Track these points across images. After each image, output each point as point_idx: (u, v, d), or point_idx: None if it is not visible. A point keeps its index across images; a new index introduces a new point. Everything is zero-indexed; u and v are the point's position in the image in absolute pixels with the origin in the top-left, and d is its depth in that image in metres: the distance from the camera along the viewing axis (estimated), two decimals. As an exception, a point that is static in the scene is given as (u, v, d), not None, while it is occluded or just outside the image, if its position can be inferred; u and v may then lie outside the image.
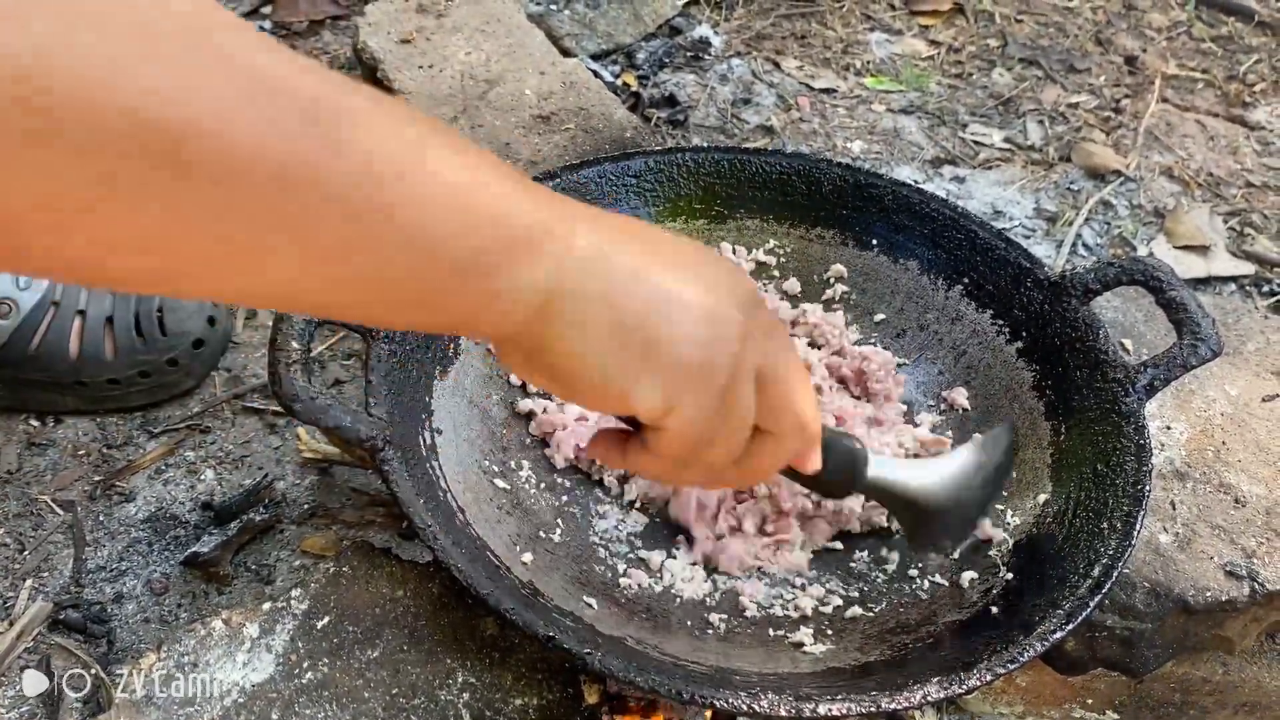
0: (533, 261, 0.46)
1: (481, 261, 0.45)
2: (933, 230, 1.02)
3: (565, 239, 0.48)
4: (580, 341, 0.49)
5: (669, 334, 0.50)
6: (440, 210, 0.43)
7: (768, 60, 1.69)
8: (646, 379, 0.51)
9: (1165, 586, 0.87)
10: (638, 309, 0.50)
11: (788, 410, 0.57)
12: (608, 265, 0.49)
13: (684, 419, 0.52)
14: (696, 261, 0.54)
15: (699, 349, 0.51)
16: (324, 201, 0.39)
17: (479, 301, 0.46)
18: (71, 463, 1.08)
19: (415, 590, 0.79)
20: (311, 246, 0.40)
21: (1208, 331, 0.87)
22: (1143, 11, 1.92)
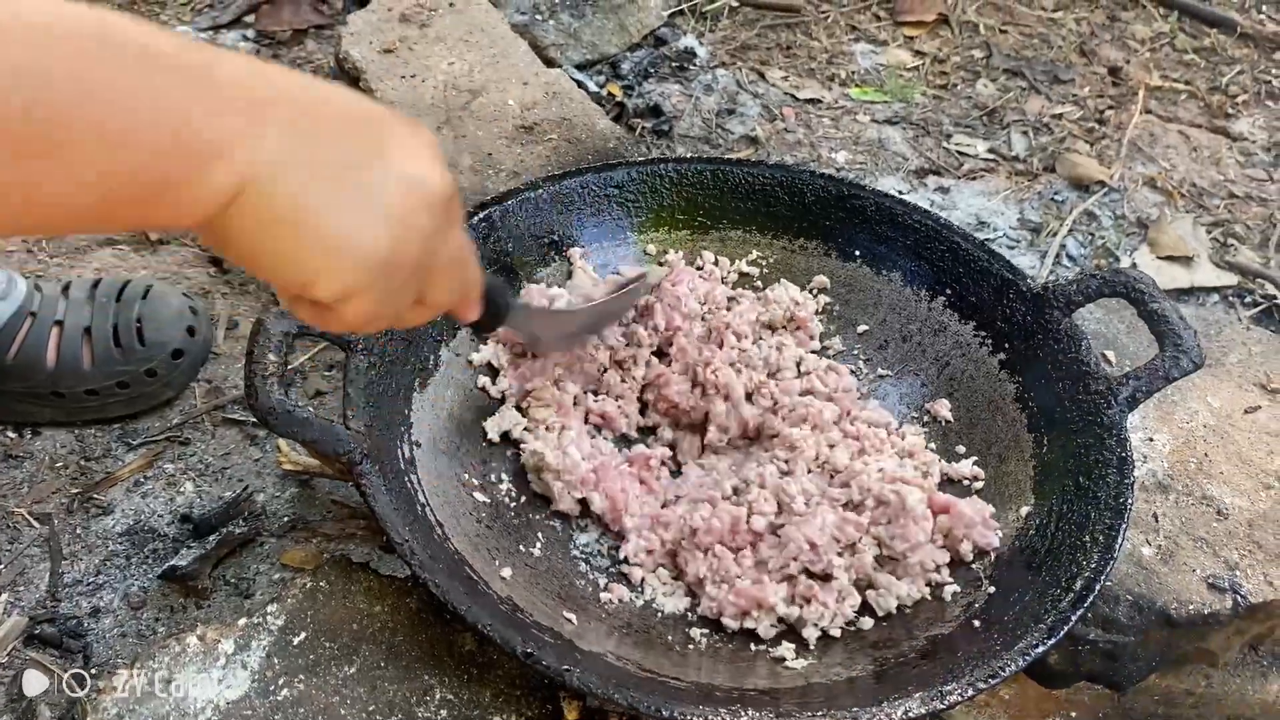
0: (216, 169, 0.49)
1: (171, 174, 0.48)
2: (916, 241, 1.02)
3: (253, 143, 0.50)
4: (262, 237, 0.52)
5: (355, 231, 0.53)
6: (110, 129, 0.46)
7: (753, 71, 1.69)
8: (325, 275, 0.53)
9: (1148, 599, 0.87)
10: (322, 208, 0.52)
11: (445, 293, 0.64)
12: (296, 164, 0.51)
13: (358, 308, 0.56)
14: (391, 150, 0.55)
15: (381, 250, 0.54)
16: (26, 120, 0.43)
17: (169, 206, 0.49)
18: (48, 475, 1.07)
19: (393, 605, 0.78)
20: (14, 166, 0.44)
21: (1190, 343, 0.87)
22: (1126, 23, 1.92)
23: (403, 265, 0.56)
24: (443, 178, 0.58)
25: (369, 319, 0.58)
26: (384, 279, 0.55)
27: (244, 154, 0.50)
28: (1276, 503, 0.94)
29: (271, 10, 1.71)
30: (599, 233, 1.03)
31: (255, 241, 0.52)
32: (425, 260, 0.58)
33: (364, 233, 0.53)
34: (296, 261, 0.53)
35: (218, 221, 0.51)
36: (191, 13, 1.72)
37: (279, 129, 0.51)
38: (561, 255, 1.02)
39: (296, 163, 0.51)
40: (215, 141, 0.49)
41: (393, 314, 0.60)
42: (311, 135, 0.52)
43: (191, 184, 0.49)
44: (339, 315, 0.57)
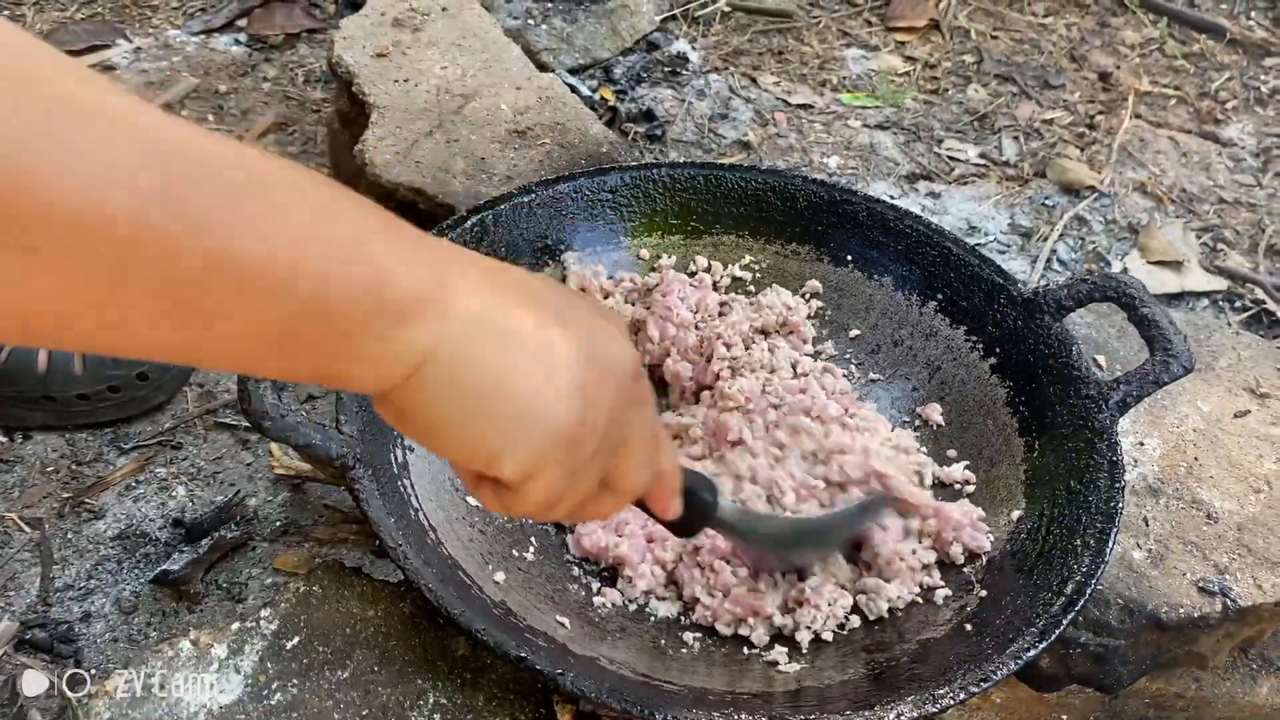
0: (409, 327, 0.45)
1: (358, 328, 0.44)
2: (907, 246, 1.03)
3: (445, 303, 0.47)
4: (450, 407, 0.48)
5: (540, 407, 0.50)
6: (316, 276, 0.42)
7: (745, 76, 1.70)
8: (512, 448, 0.50)
9: (1139, 603, 0.87)
10: (511, 378, 0.49)
11: (634, 476, 0.59)
12: (485, 329, 0.48)
13: (541, 485, 0.52)
14: (581, 326, 0.53)
15: (570, 425, 0.51)
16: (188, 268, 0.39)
17: (352, 364, 0.45)
18: (40, 479, 1.06)
19: (386, 610, 0.78)
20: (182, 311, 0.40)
21: (1180, 348, 0.87)
22: (1116, 29, 1.93)
23: (588, 440, 0.52)
24: (630, 352, 0.56)
25: (552, 499, 0.54)
26: (569, 454, 0.52)
27: (438, 313, 0.46)
28: (1266, 506, 0.94)
29: (264, 14, 1.71)
30: (592, 237, 1.03)
31: (440, 412, 0.49)
32: (613, 436, 0.55)
33: (554, 402, 0.50)
34: (484, 433, 0.50)
35: (401, 388, 0.47)
36: (184, 16, 1.72)
37: (470, 287, 0.48)
38: (555, 260, 1.02)
39: (488, 330, 0.48)
40: (412, 296, 0.45)
41: (578, 497, 0.56)
42: (502, 303, 0.49)
43: (380, 339, 0.45)
44: (523, 495, 0.53)
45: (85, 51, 1.61)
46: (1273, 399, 1.04)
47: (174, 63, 1.62)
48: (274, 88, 1.61)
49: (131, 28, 1.68)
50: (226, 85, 1.60)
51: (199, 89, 1.58)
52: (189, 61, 1.63)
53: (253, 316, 0.41)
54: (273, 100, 1.59)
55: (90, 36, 1.64)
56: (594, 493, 0.57)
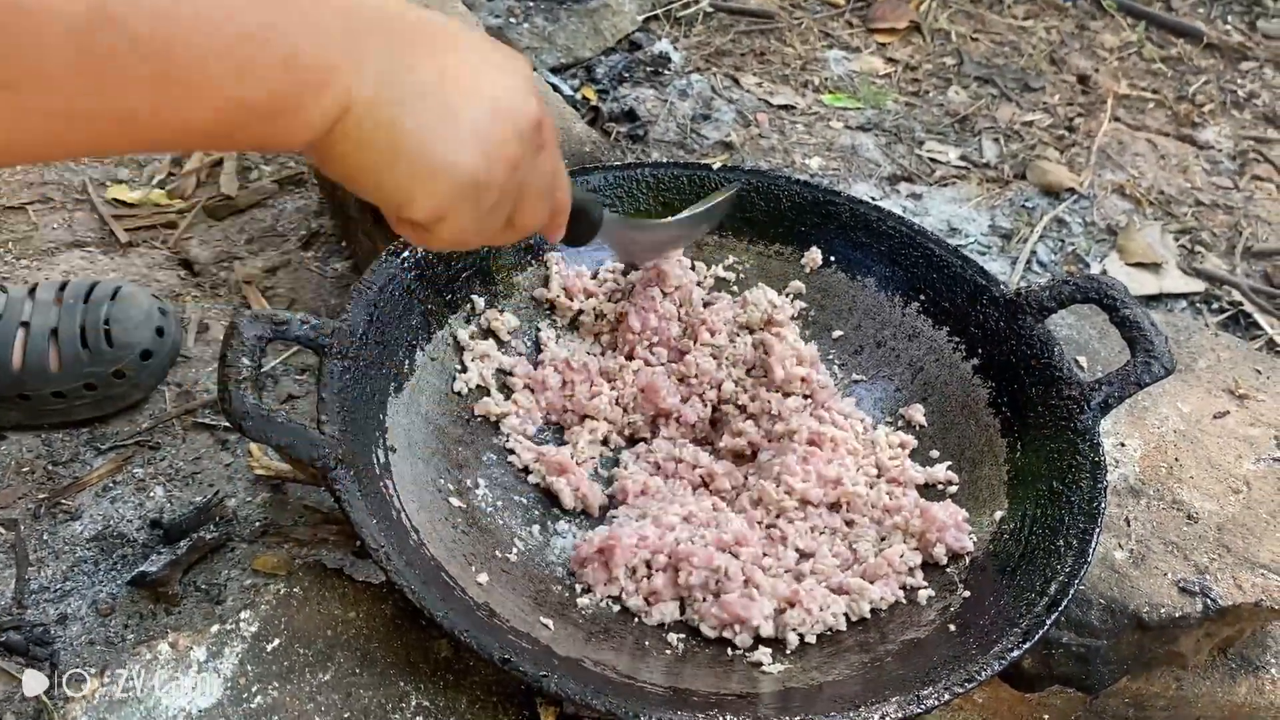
0: (321, 95, 0.52)
1: (274, 105, 0.51)
2: (890, 247, 1.03)
3: (354, 70, 0.53)
4: (364, 159, 0.56)
5: (444, 157, 0.57)
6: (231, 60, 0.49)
7: (727, 76, 1.70)
8: (420, 196, 0.58)
9: (1120, 603, 0.87)
10: (417, 132, 0.56)
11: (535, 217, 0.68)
12: (392, 90, 0.55)
13: (451, 227, 0.60)
14: (487, 78, 0.59)
15: (470, 176, 0.58)
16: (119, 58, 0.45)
17: (272, 133, 0.53)
18: (15, 480, 1.05)
19: (368, 612, 0.78)
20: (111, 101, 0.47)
21: (1161, 349, 0.87)
22: (1095, 32, 1.95)
23: (492, 187, 0.60)
24: (533, 104, 0.61)
25: (462, 237, 0.62)
26: (475, 200, 0.59)
27: (344, 81, 0.53)
28: (1245, 507, 0.95)
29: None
30: (575, 237, 1.03)
31: (355, 163, 0.56)
32: (515, 183, 0.62)
33: (456, 156, 0.57)
34: (394, 183, 0.57)
35: (321, 143, 0.54)
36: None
37: (377, 57, 0.54)
38: (539, 259, 1.01)
39: (393, 88, 0.55)
40: (320, 70, 0.52)
41: (485, 234, 0.64)
42: (409, 61, 0.56)
43: (299, 110, 0.52)
44: (435, 234, 0.61)
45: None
46: (1251, 400, 1.05)
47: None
48: (253, 85, 1.60)
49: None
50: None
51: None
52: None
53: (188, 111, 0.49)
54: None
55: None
56: (501, 230, 0.66)
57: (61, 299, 1.08)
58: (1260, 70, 1.92)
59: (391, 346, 0.88)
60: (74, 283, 1.10)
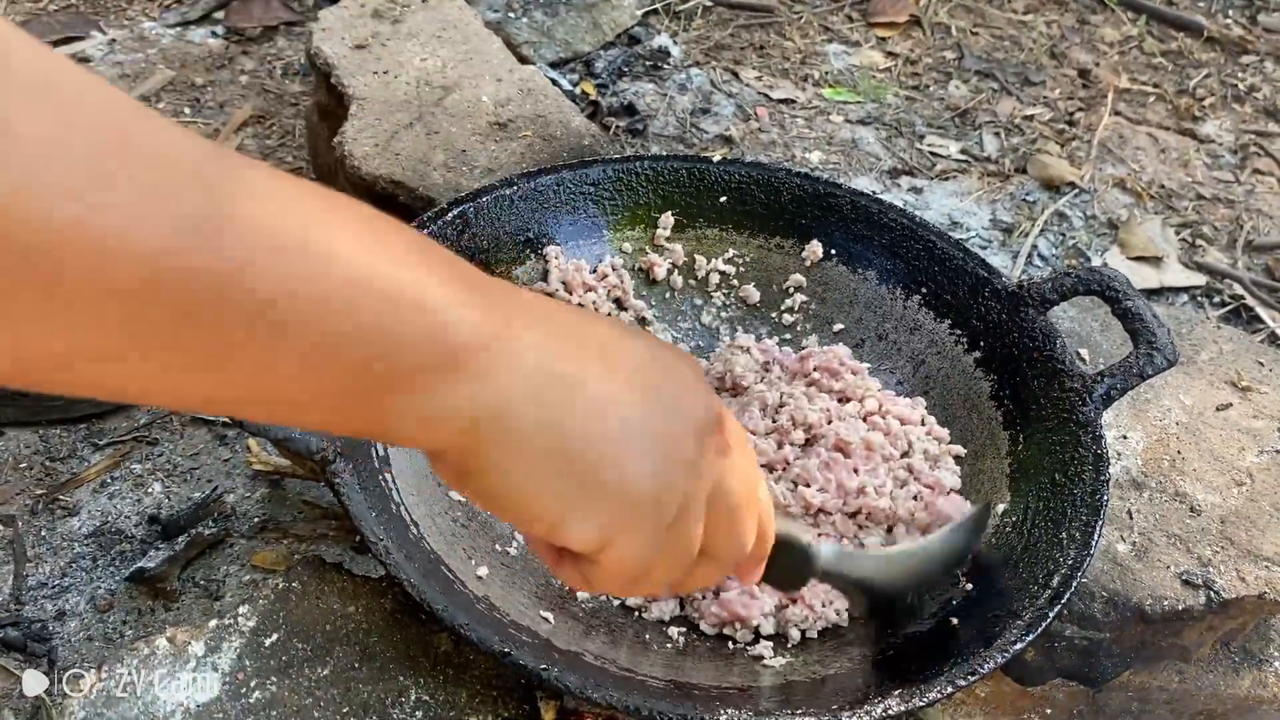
0: (466, 380, 0.41)
1: (410, 380, 0.40)
2: (891, 240, 1.02)
3: (504, 355, 0.42)
4: (512, 468, 0.44)
5: (612, 465, 0.45)
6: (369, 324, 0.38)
7: (726, 70, 1.69)
8: (581, 513, 0.45)
9: (1123, 596, 0.87)
10: (578, 436, 0.44)
11: (733, 541, 0.53)
12: (548, 384, 0.43)
13: (621, 555, 0.47)
14: (653, 376, 0.48)
15: (644, 484, 0.46)
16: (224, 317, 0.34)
17: (403, 419, 0.41)
18: (12, 476, 1.05)
19: (367, 606, 0.77)
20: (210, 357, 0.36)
21: (1164, 341, 0.87)
22: (1095, 26, 1.94)
23: (667, 504, 0.47)
24: (713, 400, 0.51)
25: (636, 571, 0.48)
26: (646, 520, 0.47)
27: (495, 366, 0.42)
28: (1248, 499, 0.94)
29: (241, 6, 1.70)
30: (574, 230, 1.03)
31: (499, 477, 0.44)
32: (697, 491, 0.49)
33: (623, 467, 0.45)
34: (546, 501, 0.45)
35: (454, 448, 0.43)
36: (159, 8, 1.70)
37: (532, 335, 0.43)
38: (537, 253, 1.01)
39: (553, 384, 0.43)
40: (468, 346, 0.41)
41: (670, 567, 0.50)
42: (563, 351, 0.45)
43: (432, 394, 0.41)
44: (602, 569, 0.48)
45: (59, 43, 1.59)
46: (1254, 392, 1.05)
47: (149, 55, 1.60)
48: (251, 81, 1.59)
49: (106, 19, 1.66)
50: (203, 78, 1.58)
51: (175, 81, 1.56)
52: (165, 54, 1.61)
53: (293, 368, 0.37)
54: (250, 93, 1.58)
55: (64, 28, 1.61)
56: (691, 561, 0.51)
57: (59, 294, 1.08)
58: (1261, 64, 1.91)
59: (390, 340, 0.88)
60: (71, 278, 1.10)
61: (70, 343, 0.32)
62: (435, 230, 0.93)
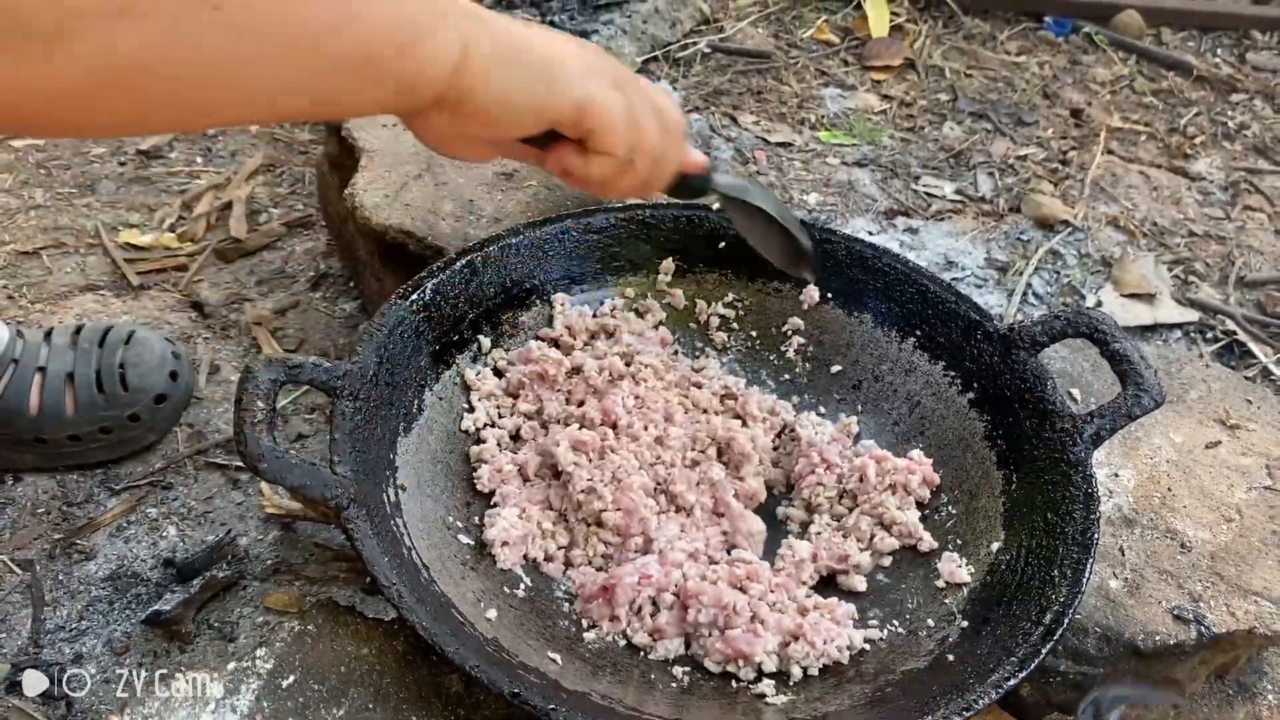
0: (448, 26, 0.64)
1: (414, 33, 0.62)
2: (886, 284, 1.05)
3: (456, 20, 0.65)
4: (498, 77, 0.66)
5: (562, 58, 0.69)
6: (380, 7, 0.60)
7: (725, 115, 1.73)
8: (557, 89, 0.68)
9: (1116, 631, 0.89)
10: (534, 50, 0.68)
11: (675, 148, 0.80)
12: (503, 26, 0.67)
13: (603, 107, 0.70)
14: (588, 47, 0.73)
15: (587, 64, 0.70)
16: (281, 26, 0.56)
17: (417, 67, 0.63)
18: (30, 521, 1.07)
19: (380, 648, 0.79)
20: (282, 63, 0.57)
21: (1150, 382, 0.89)
22: (1087, 66, 1.98)
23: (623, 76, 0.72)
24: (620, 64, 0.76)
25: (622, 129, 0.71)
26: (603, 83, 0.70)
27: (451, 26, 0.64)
28: (1238, 535, 0.96)
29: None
30: (579, 277, 1.06)
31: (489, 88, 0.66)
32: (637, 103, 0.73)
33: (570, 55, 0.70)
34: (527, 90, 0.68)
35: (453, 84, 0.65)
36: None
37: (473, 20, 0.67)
38: (544, 300, 1.04)
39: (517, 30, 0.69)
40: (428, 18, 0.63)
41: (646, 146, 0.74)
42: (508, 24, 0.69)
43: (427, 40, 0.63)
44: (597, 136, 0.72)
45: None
46: (1242, 430, 1.07)
47: (162, 105, 1.64)
48: (261, 130, 1.63)
49: (120, 71, 1.70)
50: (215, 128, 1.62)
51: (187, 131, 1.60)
52: (177, 104, 1.65)
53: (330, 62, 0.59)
54: (260, 142, 1.62)
55: (79, 80, 1.65)
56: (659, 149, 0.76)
57: (77, 343, 1.11)
58: (1250, 102, 1.95)
59: (401, 387, 0.90)
60: (89, 327, 1.13)
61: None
62: (445, 278, 0.96)
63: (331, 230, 1.41)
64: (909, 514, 0.94)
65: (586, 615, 0.86)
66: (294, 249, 1.44)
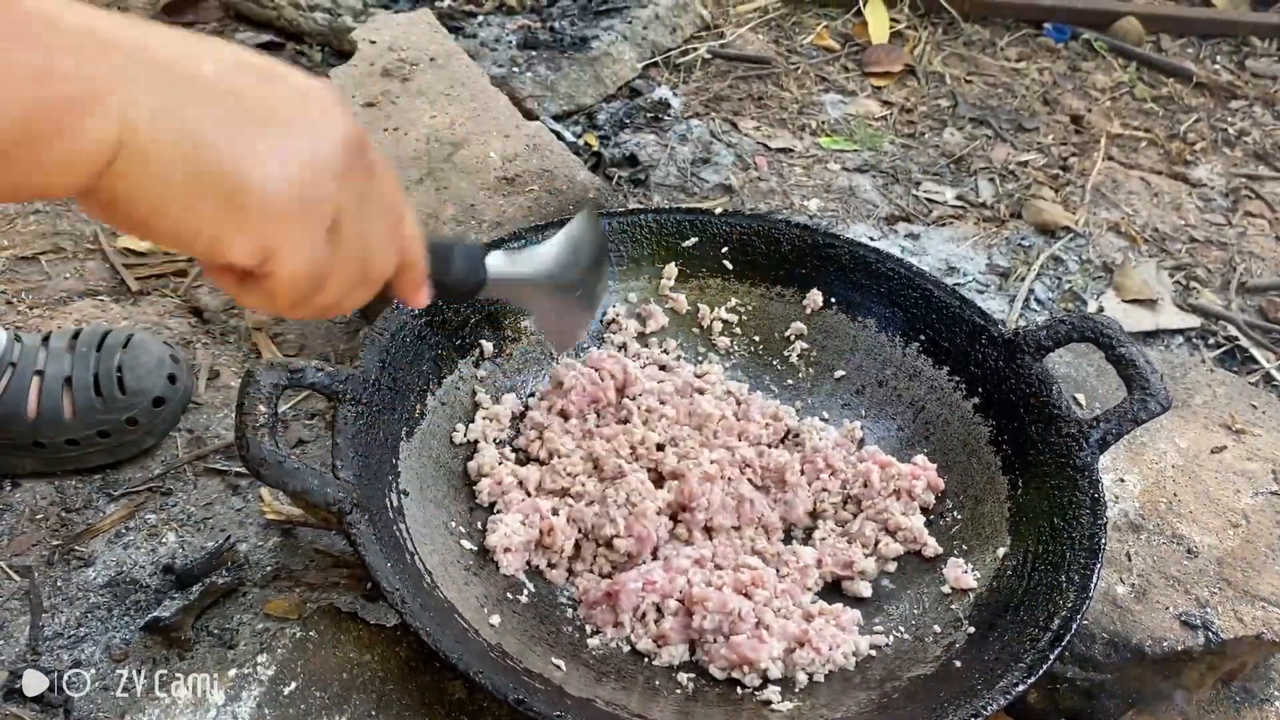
0: (89, 114, 0.43)
1: (38, 126, 0.42)
2: (889, 288, 1.05)
3: (126, 83, 0.44)
4: (157, 195, 0.45)
5: (256, 178, 0.46)
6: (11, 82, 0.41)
7: (726, 121, 1.73)
8: (235, 227, 0.47)
9: (1123, 637, 0.89)
10: (219, 154, 0.46)
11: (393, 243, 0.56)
12: (185, 109, 0.45)
13: (287, 264, 0.49)
14: (292, 103, 0.49)
15: (286, 187, 0.47)
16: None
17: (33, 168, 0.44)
18: (29, 527, 1.06)
19: (382, 654, 0.79)
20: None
21: (1157, 387, 0.89)
22: (1087, 73, 1.98)
23: (323, 202, 0.49)
24: (350, 119, 0.52)
25: (305, 282, 0.50)
26: (304, 228, 0.48)
27: (117, 96, 0.44)
28: (1244, 541, 0.96)
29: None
30: (581, 282, 1.05)
31: (148, 199, 0.45)
32: (352, 199, 0.51)
33: (269, 170, 0.46)
34: (198, 215, 0.46)
35: (102, 185, 0.45)
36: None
37: (151, 72, 0.45)
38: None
39: (184, 102, 0.45)
40: (87, 87, 0.43)
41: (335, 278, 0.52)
42: (196, 76, 0.46)
43: (61, 135, 0.43)
44: (270, 285, 0.49)
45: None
46: (1248, 435, 1.07)
47: (161, 110, 1.63)
48: (261, 135, 1.62)
49: (119, 76, 1.69)
50: (214, 132, 1.61)
51: (186, 136, 1.60)
52: (176, 109, 1.64)
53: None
54: (260, 147, 1.61)
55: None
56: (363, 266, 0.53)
57: (75, 347, 1.10)
58: (1250, 108, 1.95)
59: (403, 392, 0.90)
60: (87, 331, 1.12)
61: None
62: (446, 284, 0.95)
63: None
64: (913, 519, 0.93)
65: (590, 621, 0.86)
66: (294, 254, 1.43)
